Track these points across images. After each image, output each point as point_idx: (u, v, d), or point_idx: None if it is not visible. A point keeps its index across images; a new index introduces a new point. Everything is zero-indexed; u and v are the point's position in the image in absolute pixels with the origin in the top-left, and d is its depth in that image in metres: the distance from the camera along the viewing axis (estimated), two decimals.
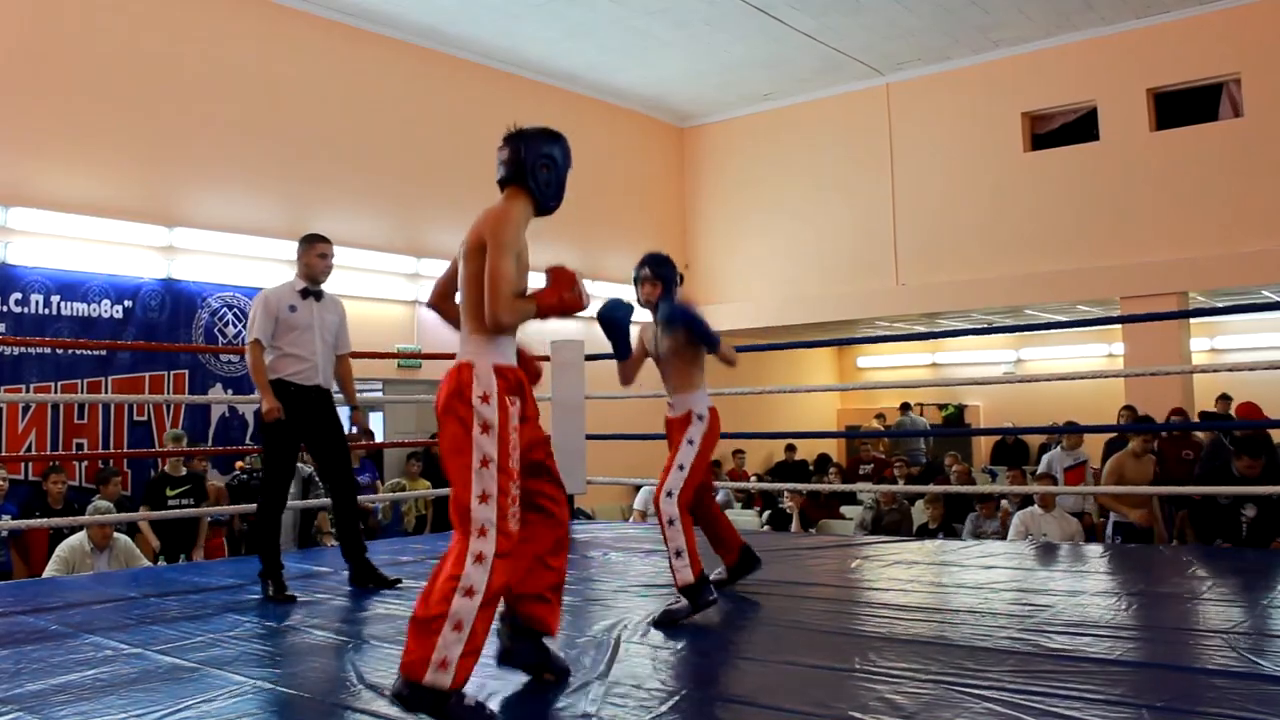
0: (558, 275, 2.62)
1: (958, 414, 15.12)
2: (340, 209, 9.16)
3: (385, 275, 9.44)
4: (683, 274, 4.01)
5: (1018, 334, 14.20)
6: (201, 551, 6.80)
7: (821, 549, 5.32)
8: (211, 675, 2.84)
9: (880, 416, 14.42)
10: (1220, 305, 10.25)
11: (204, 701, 2.57)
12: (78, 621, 3.66)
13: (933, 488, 8.49)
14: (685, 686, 2.72)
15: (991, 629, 3.21)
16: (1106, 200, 9.99)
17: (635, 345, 3.76)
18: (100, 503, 6.28)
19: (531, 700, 2.59)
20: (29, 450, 7.16)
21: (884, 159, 11.42)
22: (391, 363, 9.14)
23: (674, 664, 2.97)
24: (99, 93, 7.75)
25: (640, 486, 9.13)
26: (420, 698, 2.32)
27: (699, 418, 3.66)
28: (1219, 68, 9.58)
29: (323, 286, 4.44)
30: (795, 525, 8.56)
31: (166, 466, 6.98)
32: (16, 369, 7.22)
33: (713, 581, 3.68)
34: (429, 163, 9.96)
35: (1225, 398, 10.31)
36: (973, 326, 12.57)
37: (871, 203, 11.47)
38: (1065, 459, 8.50)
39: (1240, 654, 2.81)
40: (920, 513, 8.25)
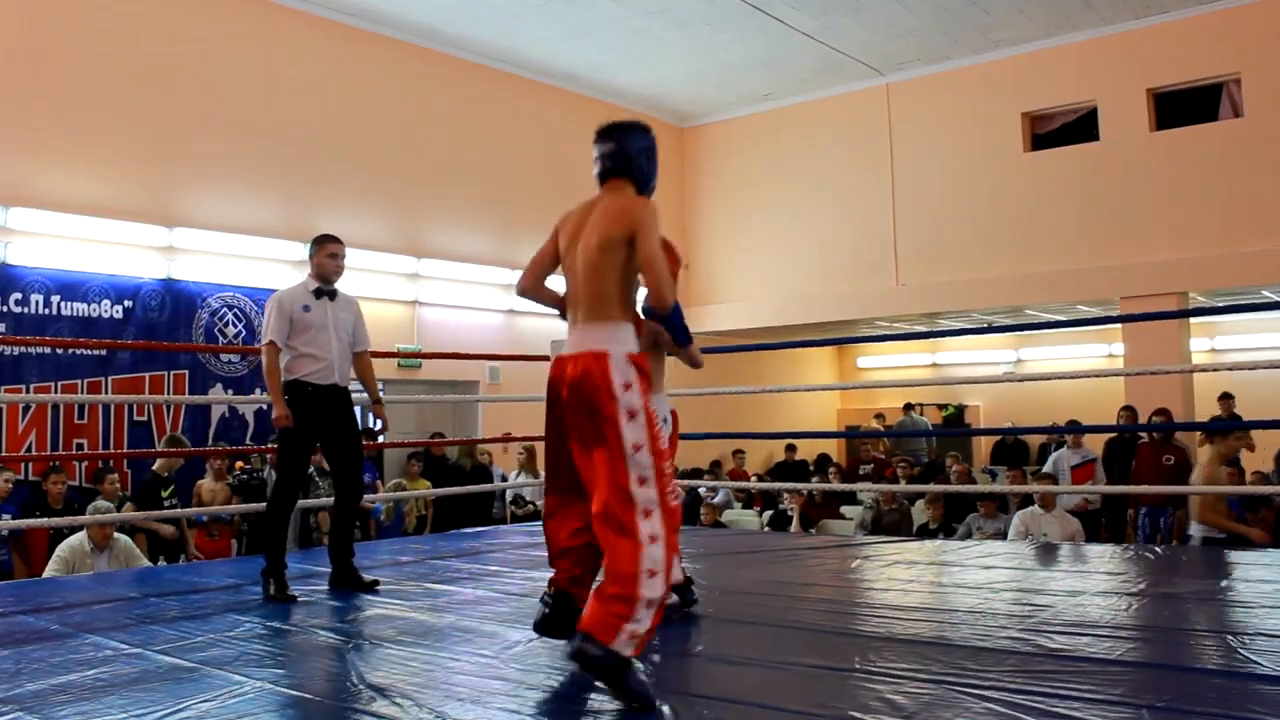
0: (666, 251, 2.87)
1: (958, 414, 15.12)
2: (340, 209, 9.15)
3: (385, 275, 9.43)
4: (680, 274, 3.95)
5: (1018, 334, 14.19)
6: (190, 556, 6.72)
7: (821, 549, 5.32)
8: (211, 675, 2.84)
9: (880, 416, 14.41)
10: (1220, 305, 10.24)
11: (204, 701, 2.57)
12: (78, 621, 3.65)
13: (933, 487, 8.49)
14: (685, 686, 2.72)
15: (991, 629, 3.21)
16: (1106, 200, 9.99)
17: None
18: (101, 503, 6.28)
19: (527, 700, 2.59)
20: (29, 450, 7.15)
21: (884, 159, 11.42)
22: (391, 363, 9.14)
23: (674, 664, 2.97)
24: (99, 93, 7.75)
25: None
26: (604, 661, 2.39)
27: (666, 420, 3.54)
28: (1219, 68, 9.57)
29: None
30: (795, 525, 8.55)
31: (158, 468, 6.91)
32: (16, 369, 7.22)
33: None
34: (429, 163, 9.96)
35: (1227, 396, 10.31)
36: (973, 326, 12.57)
37: (871, 203, 11.47)
38: (1073, 457, 8.51)
39: (1240, 654, 2.81)
40: (920, 513, 8.25)
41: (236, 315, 8.35)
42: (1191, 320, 10.76)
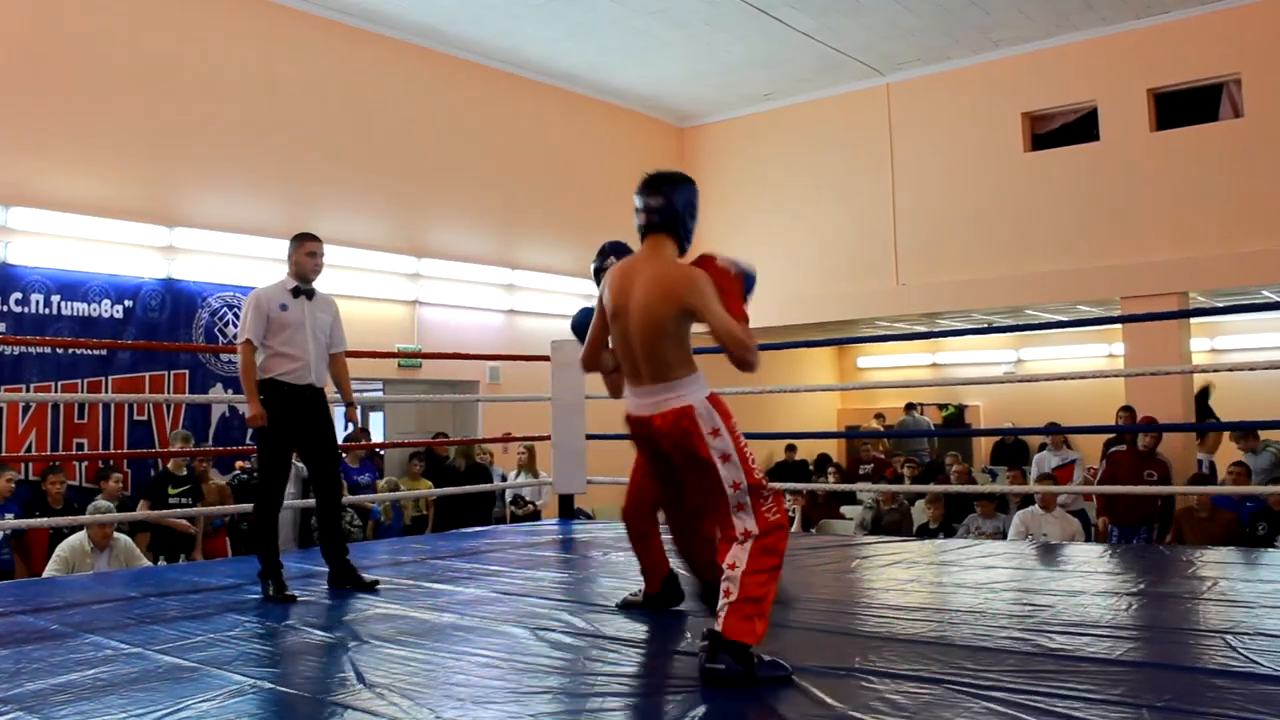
0: (722, 281, 2.90)
1: (958, 414, 15.12)
2: (340, 209, 9.16)
3: (385, 275, 9.43)
4: None
5: (1018, 334, 14.19)
6: (200, 553, 6.79)
7: (821, 549, 5.32)
8: (211, 675, 2.84)
9: (880, 416, 14.41)
10: (1220, 305, 10.24)
11: (204, 701, 2.57)
12: (78, 621, 3.66)
13: (933, 487, 8.49)
14: (685, 686, 2.72)
15: (991, 629, 3.21)
16: (1106, 200, 9.98)
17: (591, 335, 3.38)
18: (101, 502, 6.28)
19: (527, 700, 2.59)
20: (29, 450, 7.15)
21: (884, 159, 11.42)
22: (391, 363, 9.14)
23: (674, 664, 2.98)
24: (99, 92, 7.75)
25: None
26: (739, 661, 2.61)
27: None
28: (1219, 68, 9.57)
29: (318, 285, 4.44)
30: (795, 525, 8.56)
31: (169, 465, 6.97)
32: (16, 369, 7.22)
33: (626, 601, 3.73)
34: (429, 163, 9.96)
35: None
36: (973, 326, 12.56)
37: (871, 203, 11.46)
38: (1052, 459, 8.52)
39: (1240, 654, 2.81)
40: (920, 513, 8.25)
41: (237, 315, 8.34)
42: (1192, 320, 10.76)
